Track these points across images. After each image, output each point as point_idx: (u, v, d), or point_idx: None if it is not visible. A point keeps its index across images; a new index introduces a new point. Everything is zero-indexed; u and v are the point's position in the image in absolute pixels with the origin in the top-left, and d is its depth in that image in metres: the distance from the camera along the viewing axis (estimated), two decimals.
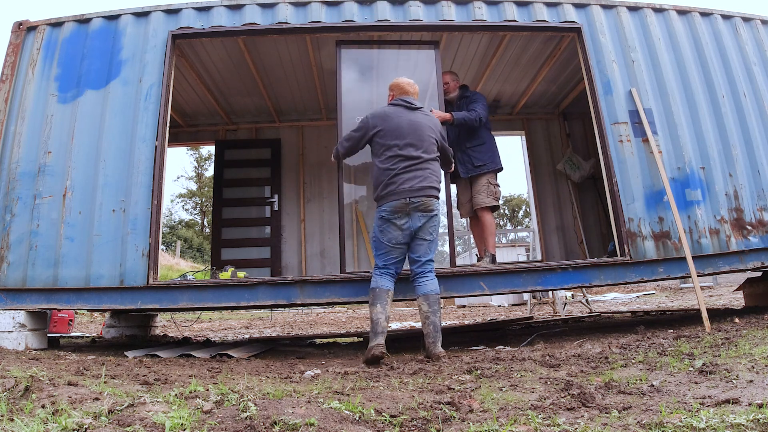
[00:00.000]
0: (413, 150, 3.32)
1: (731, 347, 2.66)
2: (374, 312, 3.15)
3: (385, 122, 3.39)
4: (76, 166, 3.91)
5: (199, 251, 30.54)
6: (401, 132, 3.35)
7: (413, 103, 3.50)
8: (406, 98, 3.51)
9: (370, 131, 3.44)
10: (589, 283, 3.97)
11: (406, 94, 3.55)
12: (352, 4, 4.35)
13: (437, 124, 3.56)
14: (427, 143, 3.39)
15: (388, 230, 3.29)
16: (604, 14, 4.58)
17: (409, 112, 3.45)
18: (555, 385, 2.13)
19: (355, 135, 3.53)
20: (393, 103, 3.53)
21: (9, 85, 4.09)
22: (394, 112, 3.43)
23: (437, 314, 3.17)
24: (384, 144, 3.37)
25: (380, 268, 3.31)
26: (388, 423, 1.61)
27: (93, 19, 4.27)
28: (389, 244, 3.29)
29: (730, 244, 4.12)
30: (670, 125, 4.32)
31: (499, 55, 5.63)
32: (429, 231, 3.32)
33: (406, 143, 3.33)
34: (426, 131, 3.41)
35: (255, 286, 3.74)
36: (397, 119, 3.39)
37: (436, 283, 3.28)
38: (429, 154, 3.38)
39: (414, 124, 3.39)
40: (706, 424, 1.43)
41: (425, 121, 3.46)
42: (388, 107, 3.51)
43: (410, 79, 3.63)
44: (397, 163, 3.30)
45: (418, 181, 3.27)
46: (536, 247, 7.23)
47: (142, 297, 3.71)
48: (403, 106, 3.48)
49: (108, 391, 1.86)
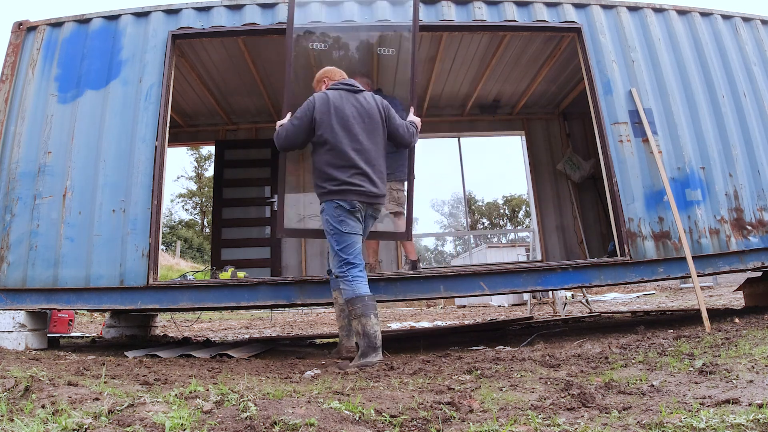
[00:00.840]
0: (365, 150, 3.02)
1: (731, 347, 2.66)
2: (369, 324, 2.83)
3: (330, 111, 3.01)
4: (76, 166, 3.91)
5: (199, 251, 30.55)
6: (350, 127, 3.00)
7: (355, 85, 3.15)
8: (346, 80, 3.19)
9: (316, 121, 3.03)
10: (589, 283, 3.97)
11: (342, 77, 3.24)
12: (352, 4, 4.35)
13: (382, 102, 3.21)
14: (377, 132, 3.09)
15: (348, 220, 2.98)
16: (604, 14, 4.58)
17: (355, 96, 3.11)
18: (555, 385, 2.13)
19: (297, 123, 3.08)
20: (333, 87, 3.15)
21: (9, 85, 4.09)
22: (338, 99, 3.05)
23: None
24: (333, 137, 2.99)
25: (352, 266, 2.94)
26: (388, 423, 1.61)
27: (93, 19, 4.28)
28: (352, 233, 2.98)
29: (730, 244, 4.12)
30: (670, 125, 4.32)
31: (499, 55, 5.64)
32: (366, 231, 3.21)
33: (356, 140, 3.00)
34: (375, 119, 3.09)
35: (255, 286, 3.74)
36: (342, 109, 3.03)
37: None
38: (380, 148, 3.11)
39: (362, 110, 3.07)
40: (706, 424, 1.43)
41: (373, 106, 3.12)
42: (329, 92, 3.10)
43: None
44: (347, 163, 2.97)
45: (374, 183, 3.02)
46: (536, 247, 7.23)
47: (142, 297, 3.71)
48: (346, 90, 3.12)
49: (108, 391, 1.86)
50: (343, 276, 2.94)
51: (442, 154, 67.38)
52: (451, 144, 16.70)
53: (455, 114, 7.41)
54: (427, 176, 52.93)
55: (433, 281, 3.84)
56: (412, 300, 3.59)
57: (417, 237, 57.43)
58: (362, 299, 2.86)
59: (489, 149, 54.88)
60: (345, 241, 2.97)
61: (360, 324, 2.85)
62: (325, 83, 3.28)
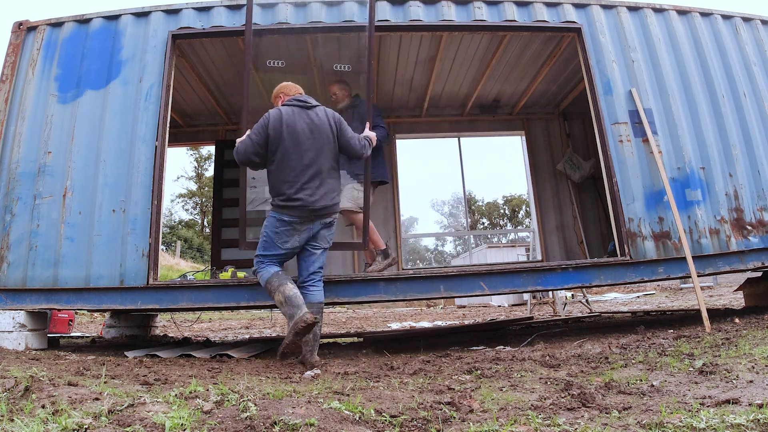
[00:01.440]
0: (315, 164, 3.13)
1: (731, 347, 2.66)
2: (286, 289, 2.97)
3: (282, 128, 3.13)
4: (76, 166, 3.91)
5: (199, 251, 30.54)
6: (301, 142, 3.12)
7: (309, 101, 3.27)
8: (300, 96, 3.29)
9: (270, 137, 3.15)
10: (589, 283, 3.97)
11: (297, 92, 3.37)
12: (352, 4, 4.35)
13: (335, 117, 3.29)
14: (327, 147, 3.19)
15: (286, 234, 3.14)
16: (604, 14, 4.58)
17: (306, 112, 3.22)
18: (555, 385, 2.13)
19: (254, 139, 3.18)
20: (287, 104, 3.27)
21: (9, 85, 4.09)
22: (290, 116, 3.16)
23: (319, 324, 3.08)
24: (284, 152, 3.12)
25: (265, 257, 3.16)
26: (388, 423, 1.61)
27: (93, 20, 4.28)
28: (282, 248, 3.15)
29: (730, 244, 4.12)
30: (670, 125, 4.32)
31: (499, 55, 5.63)
32: (326, 239, 3.26)
33: (306, 155, 3.12)
34: (325, 134, 3.20)
35: (255, 286, 3.74)
36: (294, 125, 3.14)
37: (322, 293, 3.25)
38: (330, 162, 3.21)
39: (313, 126, 3.17)
40: (706, 425, 1.43)
41: (324, 121, 3.22)
42: (283, 108, 3.22)
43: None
44: (296, 178, 3.10)
45: (320, 197, 3.12)
46: (536, 247, 7.23)
47: (142, 297, 3.71)
48: (299, 106, 3.23)
49: (108, 391, 1.86)
50: (258, 270, 3.16)
51: (442, 154, 67.41)
52: (451, 144, 16.79)
53: (455, 114, 7.41)
54: (427, 176, 53.00)
55: (433, 281, 3.84)
56: (412, 300, 3.59)
57: (417, 237, 57.30)
58: (276, 274, 3.07)
59: (489, 149, 54.86)
60: (271, 250, 3.17)
61: (280, 293, 2.99)
62: (282, 98, 3.41)
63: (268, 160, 3.21)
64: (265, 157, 3.21)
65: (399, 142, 7.35)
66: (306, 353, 3.03)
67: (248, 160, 3.22)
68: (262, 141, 3.16)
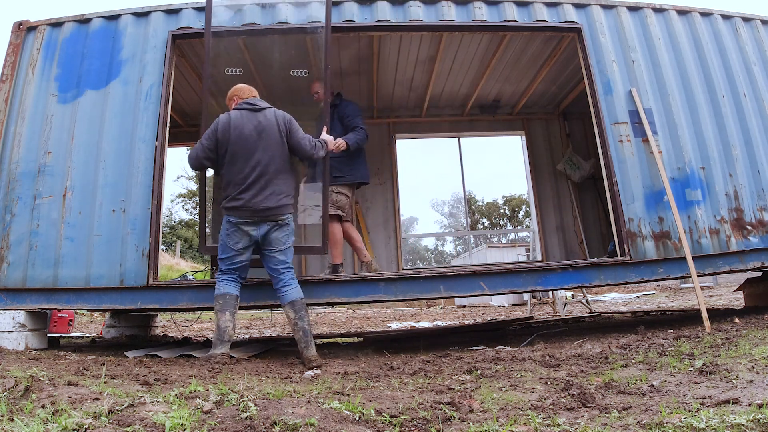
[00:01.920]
0: (260, 165, 3.18)
1: (731, 347, 2.66)
2: (221, 320, 3.09)
3: (230, 131, 3.21)
4: (76, 166, 3.91)
5: (199, 251, 30.48)
6: (247, 145, 3.19)
7: (257, 104, 3.33)
8: (250, 100, 3.36)
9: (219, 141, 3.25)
10: (589, 283, 3.97)
11: (250, 95, 3.44)
12: (352, 4, 4.35)
13: (284, 119, 3.34)
14: (275, 149, 3.23)
15: (235, 235, 3.19)
16: (604, 14, 4.58)
17: (255, 114, 3.29)
18: (555, 385, 2.13)
19: (205, 144, 3.30)
20: (238, 108, 3.34)
21: (9, 85, 4.09)
22: (238, 119, 3.24)
23: (305, 319, 3.16)
24: (231, 155, 3.20)
25: (224, 273, 3.21)
26: (388, 423, 1.61)
27: (93, 20, 4.27)
28: (234, 248, 3.20)
29: (730, 244, 4.12)
30: (670, 125, 4.32)
31: (499, 55, 5.63)
32: (281, 240, 3.25)
33: (252, 156, 3.18)
34: (273, 136, 3.24)
35: (255, 286, 3.73)
36: (242, 128, 3.21)
37: (299, 289, 3.25)
38: (277, 163, 3.24)
39: (261, 128, 3.23)
40: (706, 425, 1.43)
41: (272, 123, 3.27)
42: (232, 113, 3.32)
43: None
44: (242, 179, 3.16)
45: (263, 198, 3.15)
46: (536, 247, 7.23)
47: (142, 297, 3.71)
48: (248, 109, 3.30)
49: (108, 391, 1.86)
50: (218, 277, 3.24)
51: (442, 154, 67.38)
52: (451, 144, 16.76)
53: (455, 114, 7.41)
54: (427, 176, 52.99)
55: (433, 281, 3.84)
56: (412, 300, 3.59)
57: (417, 237, 57.21)
58: (224, 297, 3.14)
59: (489, 149, 54.83)
60: (226, 252, 3.23)
61: (216, 317, 3.13)
62: (235, 101, 3.48)
63: (218, 163, 3.31)
64: (216, 161, 3.32)
65: (399, 142, 7.36)
66: (301, 350, 3.13)
67: (200, 165, 3.36)
68: (212, 145, 3.27)
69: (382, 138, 7.26)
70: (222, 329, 3.08)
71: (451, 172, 61.75)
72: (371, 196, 7.04)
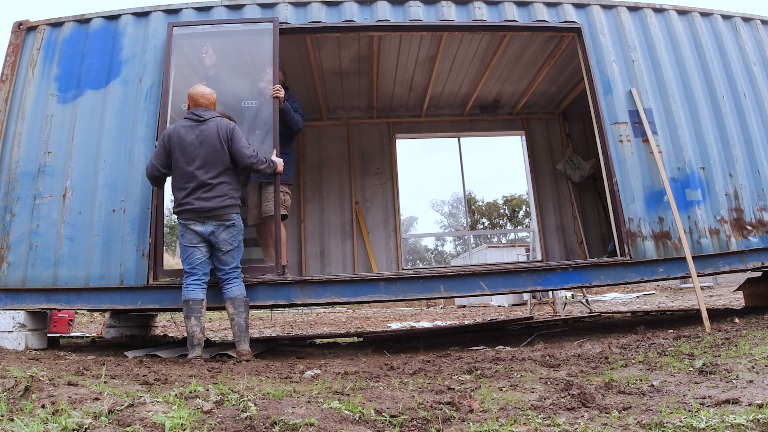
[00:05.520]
0: (201, 171, 3.40)
1: (731, 347, 2.66)
2: (189, 325, 3.28)
3: (174, 141, 3.45)
4: (76, 166, 3.91)
5: None
6: (189, 152, 3.42)
7: (202, 116, 3.51)
8: (196, 111, 3.54)
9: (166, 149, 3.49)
10: (589, 283, 3.97)
11: (198, 105, 3.57)
12: (352, 4, 4.35)
13: (227, 129, 3.51)
14: (215, 156, 3.43)
15: (187, 234, 3.42)
16: (604, 14, 4.58)
17: (198, 125, 3.47)
18: (555, 385, 2.13)
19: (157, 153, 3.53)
20: (186, 117, 3.56)
21: (9, 85, 4.09)
22: (183, 129, 3.47)
23: (242, 316, 3.39)
24: (175, 163, 3.45)
25: (187, 274, 3.38)
26: (388, 423, 1.61)
27: (93, 20, 4.27)
28: (189, 245, 3.41)
29: (730, 244, 4.12)
30: (670, 125, 4.32)
31: (499, 55, 5.64)
32: (228, 241, 3.44)
33: (193, 162, 3.40)
34: (213, 144, 3.43)
35: (255, 286, 3.74)
36: (184, 137, 3.44)
37: (242, 288, 3.47)
38: (218, 169, 3.44)
39: (202, 137, 3.43)
40: (706, 425, 1.43)
41: (213, 132, 3.46)
42: (178, 123, 3.54)
43: (206, 89, 3.63)
44: (186, 184, 3.41)
45: (205, 200, 3.38)
46: (536, 247, 7.23)
47: (142, 297, 3.71)
48: (192, 119, 3.51)
49: (108, 391, 1.86)
50: (183, 281, 3.42)
51: (442, 154, 67.49)
52: (451, 144, 16.67)
53: (455, 114, 7.41)
54: (427, 176, 53.02)
55: (433, 281, 3.84)
56: (412, 300, 3.59)
57: (417, 237, 57.21)
58: (188, 303, 3.31)
59: (489, 149, 54.88)
60: (184, 252, 3.46)
61: (185, 324, 3.33)
62: (189, 106, 3.67)
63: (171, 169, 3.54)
64: (166, 169, 3.55)
65: (399, 142, 7.36)
66: (235, 343, 3.38)
67: (152, 174, 3.55)
68: (161, 155, 3.51)
69: (382, 138, 7.26)
70: (190, 334, 3.28)
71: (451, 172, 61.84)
72: (371, 196, 7.05)
